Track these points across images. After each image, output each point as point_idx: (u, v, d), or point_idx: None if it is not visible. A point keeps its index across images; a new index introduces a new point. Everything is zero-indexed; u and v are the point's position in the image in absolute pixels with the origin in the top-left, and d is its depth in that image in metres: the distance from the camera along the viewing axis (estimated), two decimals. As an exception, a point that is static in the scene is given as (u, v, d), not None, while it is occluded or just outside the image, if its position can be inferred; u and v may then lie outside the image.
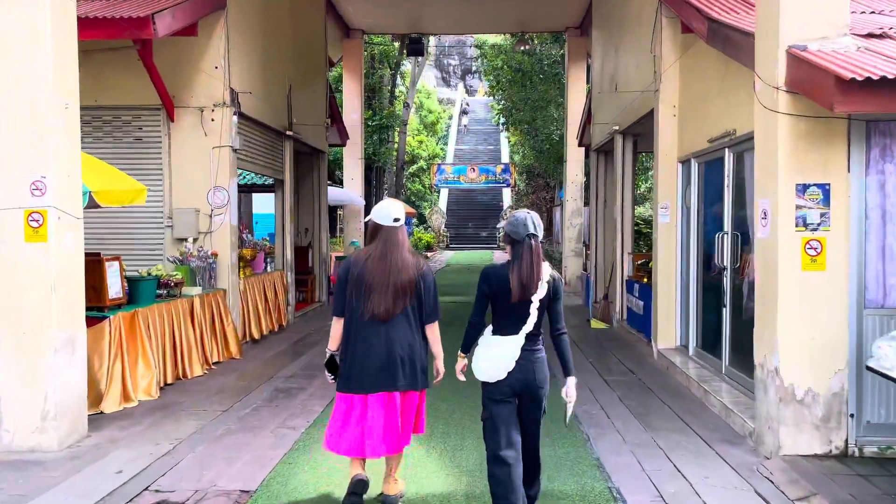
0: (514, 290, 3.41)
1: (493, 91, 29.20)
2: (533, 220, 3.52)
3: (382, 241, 3.66)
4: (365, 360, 3.63)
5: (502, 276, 3.47)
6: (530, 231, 3.47)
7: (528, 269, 3.42)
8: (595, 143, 13.09)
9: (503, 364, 3.44)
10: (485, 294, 3.53)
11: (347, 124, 16.99)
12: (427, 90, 55.21)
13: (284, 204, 11.20)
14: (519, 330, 3.45)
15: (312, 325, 11.30)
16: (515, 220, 3.53)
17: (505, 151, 46.75)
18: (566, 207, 16.86)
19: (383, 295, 3.59)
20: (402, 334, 3.66)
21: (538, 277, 3.44)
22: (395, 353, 3.64)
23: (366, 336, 3.62)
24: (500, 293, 3.47)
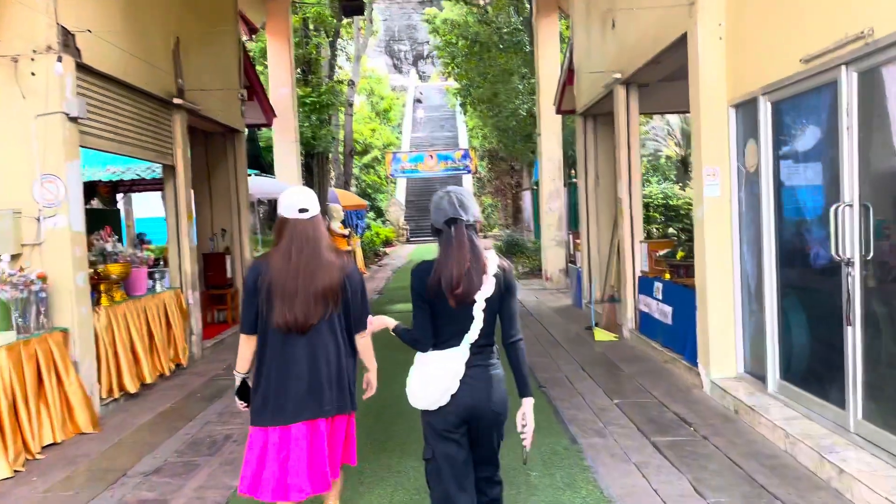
0: (446, 294, 2.66)
1: (447, 70, 26.62)
2: (454, 198, 2.73)
3: (291, 237, 2.99)
4: (283, 384, 2.99)
5: (433, 276, 2.69)
6: (449, 215, 2.71)
7: (456, 264, 2.64)
8: (581, 104, 10.46)
9: (443, 385, 2.70)
10: (421, 299, 2.74)
11: (276, 100, 14.08)
12: (378, 76, 52.23)
13: (178, 197, 8.30)
14: (461, 340, 2.70)
15: (229, 355, 8.48)
16: (433, 204, 2.78)
17: (463, 136, 44.48)
18: (542, 189, 14.25)
19: (300, 303, 2.95)
20: (326, 348, 3.03)
21: (474, 272, 2.66)
22: (319, 371, 3.01)
23: (282, 354, 3.00)
24: (437, 297, 2.70)
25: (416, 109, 49.96)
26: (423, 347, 2.79)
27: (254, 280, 2.99)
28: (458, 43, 23.94)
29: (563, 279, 14.18)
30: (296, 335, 2.97)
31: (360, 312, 3.14)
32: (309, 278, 2.95)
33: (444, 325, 2.73)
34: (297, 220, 3.00)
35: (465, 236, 2.68)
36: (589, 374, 6.84)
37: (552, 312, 11.03)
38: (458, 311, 2.69)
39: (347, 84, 22.27)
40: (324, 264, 2.98)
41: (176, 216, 8.32)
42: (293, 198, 3.03)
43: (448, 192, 2.77)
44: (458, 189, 2.82)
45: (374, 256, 24.40)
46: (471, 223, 2.72)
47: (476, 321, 2.70)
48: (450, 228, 2.70)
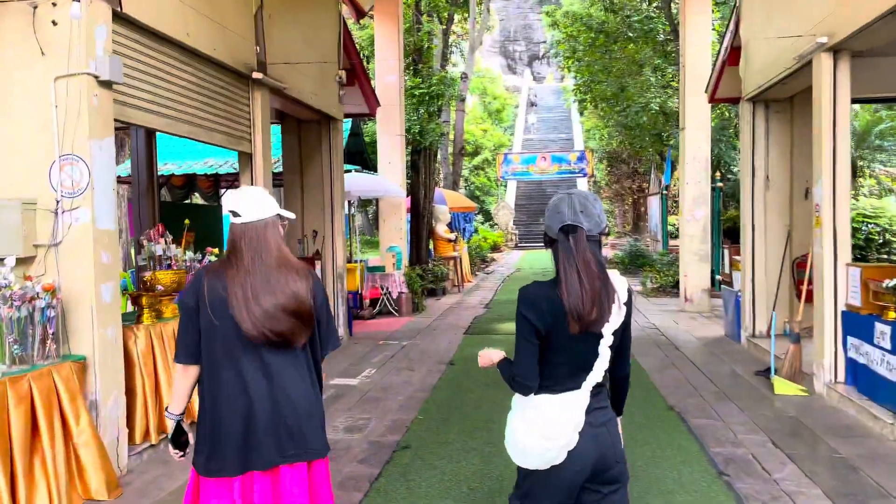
0: (571, 321, 2.16)
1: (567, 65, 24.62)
2: (576, 201, 2.24)
3: (245, 246, 2.46)
4: (234, 424, 2.43)
5: (554, 301, 2.19)
6: (567, 220, 2.22)
7: (588, 283, 2.16)
8: (752, 86, 8.30)
9: (561, 440, 2.21)
10: (532, 330, 2.22)
11: (382, 89, 12.70)
12: (491, 75, 50.73)
13: (254, 193, 6.93)
14: (581, 382, 2.24)
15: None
16: (549, 208, 2.31)
17: (579, 138, 42.20)
18: (685, 193, 12.05)
19: (259, 325, 2.40)
20: (289, 379, 2.48)
21: (605, 297, 2.17)
22: (280, 407, 2.45)
23: (234, 388, 2.44)
24: (555, 327, 2.20)
25: (529, 113, 47.84)
26: (525, 390, 2.28)
27: (195, 298, 2.48)
28: (579, 36, 21.95)
29: (707, 301, 11.92)
30: (252, 365, 2.46)
31: (328, 332, 2.65)
32: (273, 295, 2.44)
33: (561, 363, 2.25)
34: (255, 226, 2.48)
35: (586, 249, 2.18)
36: (787, 455, 4.79)
37: (701, 346, 8.91)
38: (580, 345, 2.22)
39: (460, 77, 20.76)
40: (290, 276, 2.48)
41: (251, 214, 6.93)
42: (246, 199, 2.51)
43: (570, 195, 2.29)
44: (583, 192, 2.30)
45: (481, 262, 22.78)
46: (593, 235, 2.22)
47: (601, 359, 2.24)
48: (567, 238, 2.20)
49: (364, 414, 5.95)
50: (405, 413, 5.95)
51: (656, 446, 4.99)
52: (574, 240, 2.18)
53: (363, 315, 11.67)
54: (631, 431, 5.30)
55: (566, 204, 2.22)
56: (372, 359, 8.35)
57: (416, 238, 14.67)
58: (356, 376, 7.42)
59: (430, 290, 14.10)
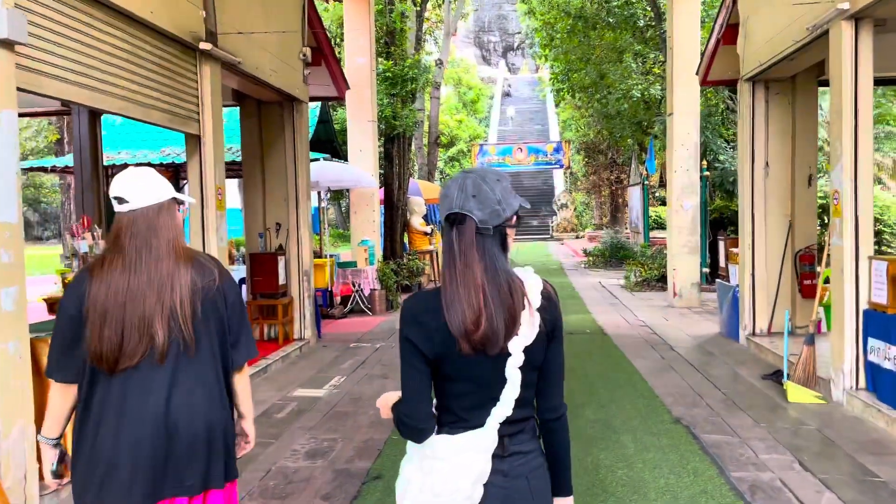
0: (459, 340, 1.67)
1: (544, 53, 23.97)
2: (467, 183, 1.74)
3: (130, 238, 2.09)
4: (117, 454, 2.03)
5: (441, 314, 1.70)
6: (452, 207, 1.72)
7: (465, 291, 1.68)
8: (753, 64, 7.65)
9: (457, 496, 1.72)
10: (416, 353, 1.73)
11: (352, 71, 11.88)
12: (466, 65, 49.96)
13: (204, 178, 6.11)
14: (485, 417, 1.73)
15: (274, 390, 6.24)
16: (442, 191, 1.81)
17: (555, 129, 41.71)
18: (674, 182, 11.42)
19: (144, 331, 2.05)
20: (188, 393, 2.09)
21: (499, 305, 1.68)
22: (177, 428, 2.07)
23: (120, 406, 2.06)
24: (444, 347, 1.70)
25: (507, 106, 47.14)
26: (415, 434, 1.74)
27: (77, 301, 2.06)
28: (557, 23, 21.29)
29: (697, 296, 11.33)
30: (143, 378, 2.06)
31: (239, 337, 2.23)
32: (160, 295, 2.05)
33: (462, 394, 1.73)
34: (137, 215, 2.08)
35: (472, 246, 1.69)
36: (820, 480, 4.14)
37: (697, 346, 8.28)
38: (483, 369, 1.70)
39: (436, 64, 19.97)
40: (179, 272, 2.08)
41: (201, 203, 6.13)
42: (128, 182, 2.12)
43: (466, 174, 1.76)
44: (485, 170, 1.79)
45: (459, 256, 22.04)
46: (486, 227, 1.69)
47: (510, 385, 1.72)
48: (451, 231, 1.71)
49: (330, 434, 5.19)
50: (378, 431, 5.20)
51: (668, 470, 4.31)
52: (457, 233, 1.71)
53: (333, 314, 10.88)
54: (637, 451, 4.62)
55: (457, 186, 1.74)
56: (341, 364, 7.58)
57: (391, 231, 13.89)
58: (323, 386, 6.65)
59: (405, 286, 13.34)
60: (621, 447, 4.72)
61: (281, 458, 4.69)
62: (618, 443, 4.81)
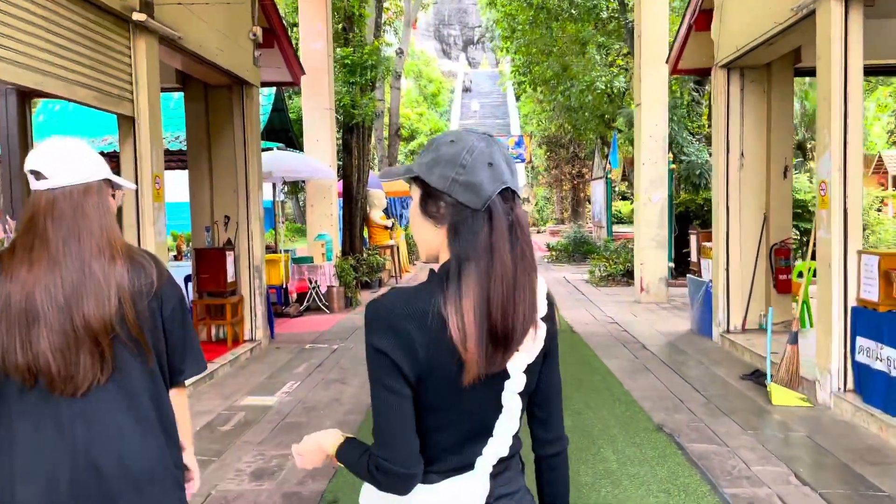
0: (469, 360, 1.24)
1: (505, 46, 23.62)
2: (495, 151, 1.31)
3: (53, 224, 1.66)
4: (27, 490, 1.62)
5: (433, 322, 1.26)
6: (506, 179, 1.30)
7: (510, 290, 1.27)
8: (730, 50, 7.33)
9: None
10: (398, 376, 1.27)
11: (307, 57, 11.27)
12: (426, 58, 49.39)
13: (139, 165, 5.51)
14: (475, 458, 1.35)
15: (220, 399, 5.67)
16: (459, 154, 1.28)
17: (516, 123, 41.45)
18: (642, 174, 11.11)
19: (79, 344, 1.64)
20: (111, 423, 1.67)
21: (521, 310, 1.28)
22: (98, 466, 1.65)
23: (32, 445, 1.65)
24: (432, 369, 1.27)
25: (471, 101, 46.71)
26: (401, 483, 1.30)
27: None
28: (518, 14, 20.93)
29: (665, 291, 11.06)
30: (59, 402, 1.65)
31: (183, 351, 1.83)
32: (80, 301, 1.63)
33: (441, 428, 1.32)
34: (41, 195, 1.66)
35: (526, 232, 1.30)
36: (820, 495, 3.78)
37: (670, 343, 7.96)
38: (473, 396, 1.29)
39: (396, 53, 19.39)
40: (104, 272, 1.66)
41: (136, 194, 5.52)
42: (30, 156, 1.70)
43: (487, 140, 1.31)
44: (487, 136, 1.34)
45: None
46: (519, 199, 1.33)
47: (508, 415, 1.34)
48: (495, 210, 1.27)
49: (280, 449, 4.66)
50: (333, 446, 4.70)
51: (657, 487, 3.91)
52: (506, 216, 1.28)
53: (289, 313, 10.29)
54: (621, 465, 4.22)
55: (491, 150, 1.29)
56: (295, 368, 7.04)
57: (349, 225, 13.32)
58: (274, 392, 6.10)
59: (364, 282, 12.81)
60: (603, 460, 4.31)
61: (223, 480, 4.15)
62: (598, 455, 4.40)
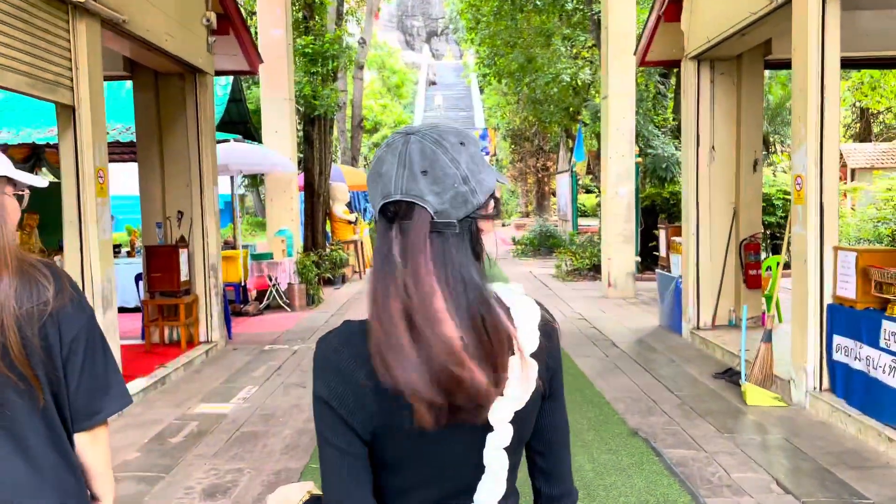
0: (419, 409, 0.97)
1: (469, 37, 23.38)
2: (412, 152, 1.02)
3: None
4: None
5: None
6: (393, 192, 1.02)
7: (403, 335, 0.98)
8: (701, 41, 7.18)
9: None
10: (347, 430, 1.04)
11: (266, 45, 10.86)
12: (390, 49, 48.82)
13: (80, 157, 5.11)
14: None
15: (172, 406, 5.32)
16: (373, 165, 1.07)
17: (480, 116, 41.26)
18: (609, 168, 10.98)
19: None
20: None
21: (481, 348, 0.99)
22: None
23: None
24: (390, 419, 1.02)
25: (435, 95, 46.29)
26: None
27: None
28: (483, 5, 20.69)
29: (632, 286, 10.96)
30: None
31: (90, 390, 1.50)
32: None
33: (404, 493, 1.09)
34: None
35: (424, 250, 1.01)
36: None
37: (640, 340, 7.82)
38: (442, 453, 1.06)
39: (358, 43, 18.97)
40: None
41: (77, 189, 5.12)
42: None
43: (407, 137, 1.05)
44: (441, 130, 1.06)
45: (384, 246, 21.23)
46: (448, 219, 1.02)
47: (491, 477, 1.08)
48: (388, 229, 1.04)
49: (235, 463, 4.35)
50: (293, 458, 4.40)
51: (635, 499, 3.71)
52: (400, 233, 1.03)
53: (248, 311, 9.91)
54: (597, 475, 4.01)
55: (396, 156, 1.04)
56: (253, 371, 6.70)
57: (311, 220, 12.93)
58: (230, 399, 5.76)
59: (327, 279, 12.46)
60: (578, 469, 4.11)
61: (172, 499, 3.83)
62: (574, 464, 4.18)
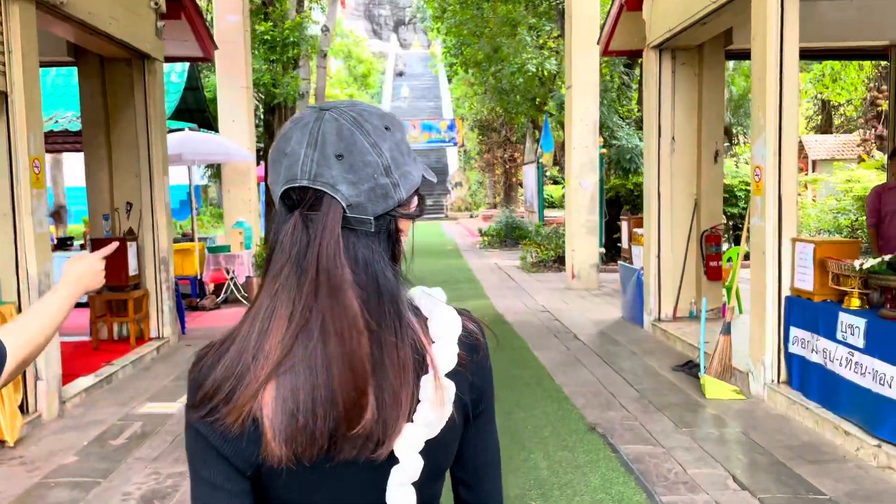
0: (305, 443, 0.81)
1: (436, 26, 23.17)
2: (326, 131, 0.85)
3: None
4: None
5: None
6: (298, 177, 0.85)
7: (319, 343, 0.82)
8: (662, 30, 7.10)
9: None
10: (220, 463, 0.85)
11: (223, 31, 10.55)
12: (356, 38, 48.30)
13: (14, 146, 4.83)
14: None
15: (115, 406, 5.09)
16: (277, 142, 0.89)
17: (448, 106, 41.04)
18: (573, 159, 10.90)
19: None
20: None
21: (375, 374, 0.83)
22: None
23: None
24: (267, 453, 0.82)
25: (402, 86, 45.80)
26: None
27: None
28: (449, -5, 20.51)
29: (596, 277, 10.93)
30: None
31: None
32: None
33: None
34: None
35: (334, 250, 0.83)
36: (760, 501, 3.57)
37: (601, 333, 7.76)
38: (339, 489, 0.88)
39: (322, 31, 18.61)
40: None
41: (10, 179, 4.84)
42: None
43: (320, 113, 0.88)
44: (361, 109, 0.90)
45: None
46: (364, 214, 0.87)
47: None
48: (287, 220, 0.87)
49: (177, 465, 4.15)
50: (238, 460, 4.22)
51: (589, 498, 3.62)
52: (302, 227, 0.87)
53: (204, 305, 9.63)
54: (552, 473, 3.91)
55: (306, 134, 0.88)
56: (205, 368, 6.47)
57: (271, 211, 12.67)
58: (178, 398, 5.54)
59: (288, 271, 12.19)
60: (533, 468, 4.00)
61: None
62: (528, 462, 4.08)
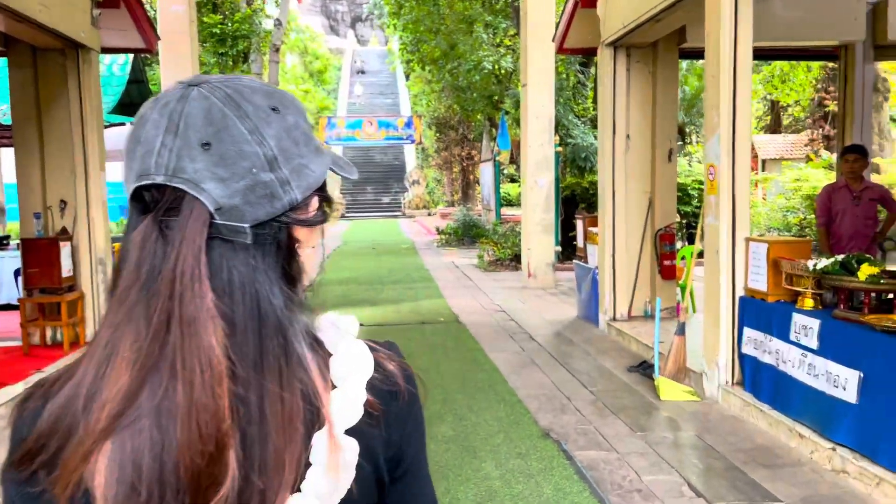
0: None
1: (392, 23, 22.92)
2: (191, 112, 0.63)
3: None
4: None
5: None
6: (150, 170, 0.63)
7: (167, 391, 0.60)
8: (616, 27, 7.02)
9: None
10: None
11: (166, 22, 10.14)
12: (313, 33, 47.63)
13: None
14: None
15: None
16: (132, 127, 0.66)
17: (406, 103, 40.74)
18: (528, 157, 10.81)
19: None
20: None
21: (252, 435, 0.61)
22: None
23: None
24: None
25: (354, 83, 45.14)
26: None
27: None
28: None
29: (552, 276, 10.87)
30: None
31: None
32: None
33: None
34: None
35: (195, 267, 0.61)
36: (715, 507, 3.49)
37: (557, 333, 7.67)
38: None
39: (274, 24, 18.22)
40: None
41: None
42: None
43: (185, 91, 0.65)
44: (239, 82, 0.67)
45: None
46: (238, 222, 0.63)
47: None
48: (136, 225, 0.64)
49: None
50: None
51: (542, 510, 3.48)
52: (159, 237, 0.64)
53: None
54: (504, 483, 3.76)
55: (166, 115, 0.65)
56: (144, 375, 6.16)
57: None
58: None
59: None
60: (484, 478, 3.85)
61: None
62: (479, 471, 3.93)
